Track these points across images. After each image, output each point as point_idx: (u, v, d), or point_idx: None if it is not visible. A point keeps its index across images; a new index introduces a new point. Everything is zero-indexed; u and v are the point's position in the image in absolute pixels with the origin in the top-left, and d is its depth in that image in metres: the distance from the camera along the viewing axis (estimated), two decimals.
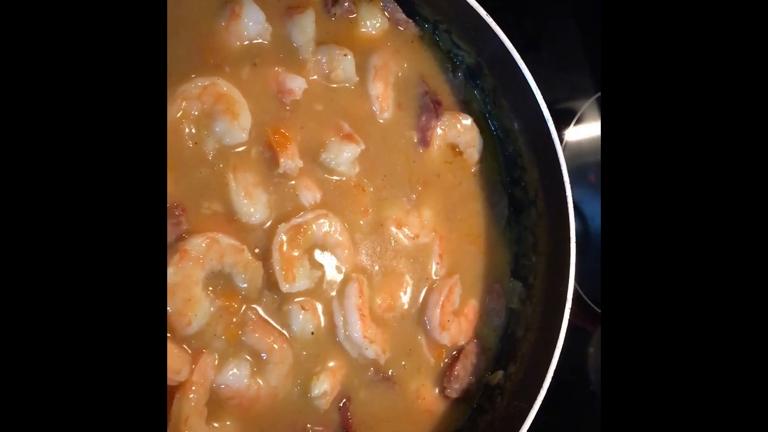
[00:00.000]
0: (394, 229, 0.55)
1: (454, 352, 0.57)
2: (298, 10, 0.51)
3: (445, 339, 0.56)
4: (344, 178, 0.53)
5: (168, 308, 0.44)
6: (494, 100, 0.59)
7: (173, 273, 0.45)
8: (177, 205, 0.46)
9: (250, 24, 0.49)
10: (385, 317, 0.54)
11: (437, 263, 0.56)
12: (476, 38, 0.56)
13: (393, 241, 0.55)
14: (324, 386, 0.50)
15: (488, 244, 0.59)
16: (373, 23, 0.55)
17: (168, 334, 0.45)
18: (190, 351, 0.46)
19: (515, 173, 0.60)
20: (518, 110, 0.58)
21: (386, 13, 0.56)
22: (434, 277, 0.56)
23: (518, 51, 0.53)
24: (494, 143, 0.61)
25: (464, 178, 0.59)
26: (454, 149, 0.59)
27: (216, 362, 0.47)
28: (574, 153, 0.73)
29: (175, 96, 0.46)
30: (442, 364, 0.56)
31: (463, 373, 0.56)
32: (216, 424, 0.47)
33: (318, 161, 0.52)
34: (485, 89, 0.59)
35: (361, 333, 0.51)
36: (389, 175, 0.55)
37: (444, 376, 0.56)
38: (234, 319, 0.47)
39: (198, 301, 0.46)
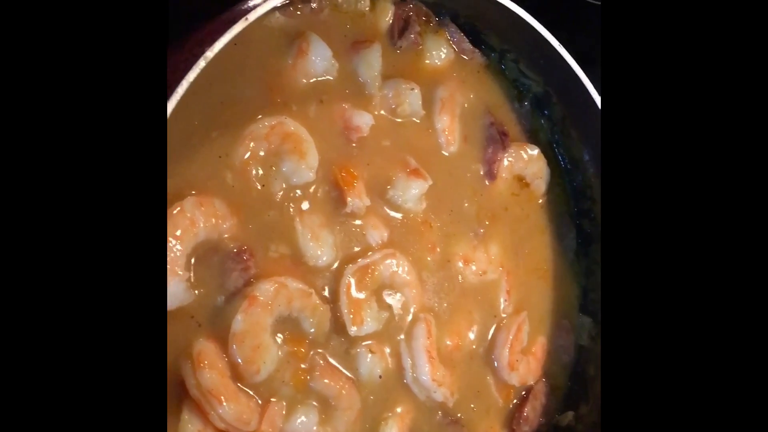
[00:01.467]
0: (461, 266, 0.53)
1: (523, 392, 0.55)
2: (364, 45, 0.50)
3: (514, 379, 0.54)
4: (411, 215, 0.51)
5: (237, 358, 0.43)
6: (562, 130, 0.58)
7: (242, 320, 0.43)
8: (245, 249, 0.45)
9: (317, 60, 0.47)
10: (453, 357, 0.52)
11: (505, 300, 0.55)
12: (545, 67, 0.54)
13: (460, 278, 0.53)
14: (392, 430, 0.48)
15: (556, 278, 0.58)
16: (438, 54, 0.53)
17: (237, 383, 0.44)
18: (259, 400, 0.45)
19: (584, 204, 0.58)
20: (588, 140, 0.56)
21: (452, 44, 0.54)
22: (502, 315, 0.55)
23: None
24: (561, 174, 0.59)
25: (531, 210, 0.57)
26: (521, 181, 0.57)
27: (284, 411, 0.45)
28: None
29: (242, 137, 0.45)
30: (510, 405, 0.54)
31: (533, 414, 0.55)
32: None
33: (385, 198, 0.50)
34: (553, 119, 0.58)
35: (429, 376, 0.50)
36: (456, 210, 0.53)
37: (513, 418, 0.54)
38: (302, 365, 0.46)
39: (267, 348, 0.44)
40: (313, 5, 0.48)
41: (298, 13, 0.48)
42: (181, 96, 0.38)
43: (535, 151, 0.57)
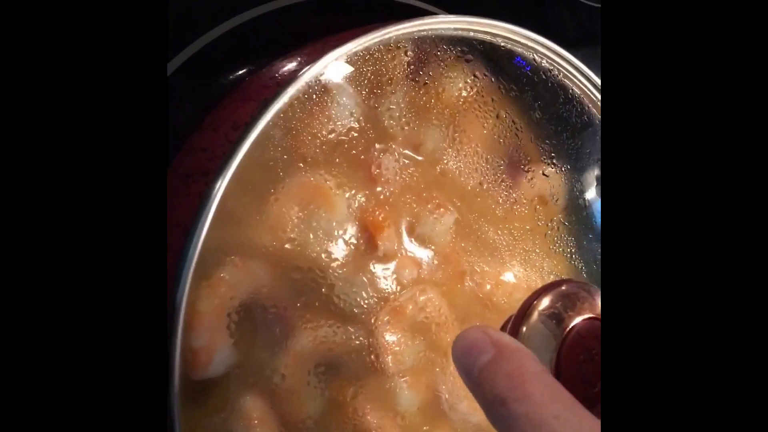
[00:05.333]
0: (489, 288, 0.55)
1: None
2: (385, 87, 0.50)
3: None
4: (439, 249, 0.52)
5: (283, 409, 0.45)
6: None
7: (287, 375, 0.45)
8: (283, 305, 0.46)
9: (341, 110, 0.48)
10: None
11: None
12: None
13: (491, 305, 0.54)
14: None
15: None
16: (457, 86, 0.53)
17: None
18: None
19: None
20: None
21: (470, 73, 0.54)
22: None
23: None
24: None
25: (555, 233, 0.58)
26: (542, 200, 0.58)
27: None
28: None
29: (270, 198, 0.46)
30: None
31: None
32: None
33: (414, 236, 0.51)
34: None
35: (466, 401, 0.52)
36: (483, 237, 0.55)
37: None
38: (349, 410, 0.48)
39: (310, 397, 0.46)
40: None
41: None
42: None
43: (551, 170, 0.58)
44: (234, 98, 0.45)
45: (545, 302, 0.38)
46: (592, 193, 0.60)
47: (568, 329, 0.37)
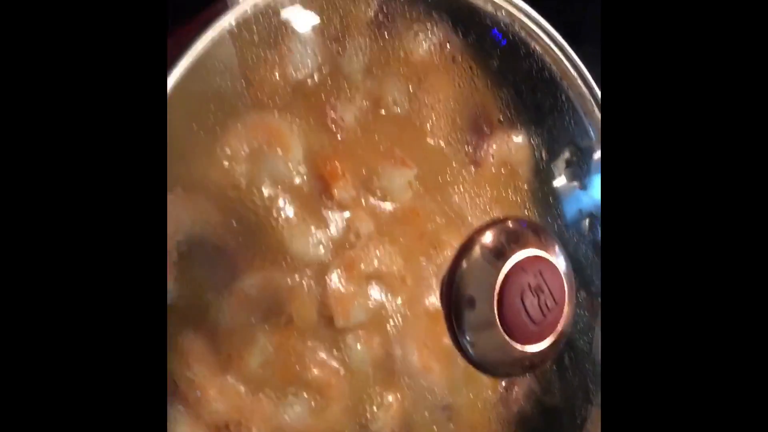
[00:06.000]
0: (449, 253, 0.54)
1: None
2: (347, 38, 0.49)
3: None
4: (398, 205, 0.52)
5: (225, 352, 0.44)
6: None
7: (230, 316, 0.44)
8: (231, 246, 0.45)
9: (300, 53, 0.48)
10: (444, 346, 0.53)
11: None
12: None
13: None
14: (383, 424, 0.49)
15: None
16: (423, 44, 0.53)
17: (227, 376, 0.45)
18: (248, 392, 0.45)
19: None
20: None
21: (435, 33, 0.54)
22: None
23: None
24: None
25: (519, 196, 0.58)
26: (507, 167, 0.57)
27: (274, 402, 0.46)
28: None
29: (225, 134, 0.45)
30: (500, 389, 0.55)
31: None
32: None
33: (371, 189, 0.51)
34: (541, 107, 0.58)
35: (419, 364, 0.50)
36: (443, 198, 0.54)
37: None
38: (291, 358, 0.47)
39: (255, 342, 0.45)
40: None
41: None
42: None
43: (519, 138, 0.57)
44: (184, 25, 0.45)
45: (488, 236, 0.37)
46: (559, 169, 0.59)
47: (509, 263, 0.36)
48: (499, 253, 0.36)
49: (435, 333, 0.52)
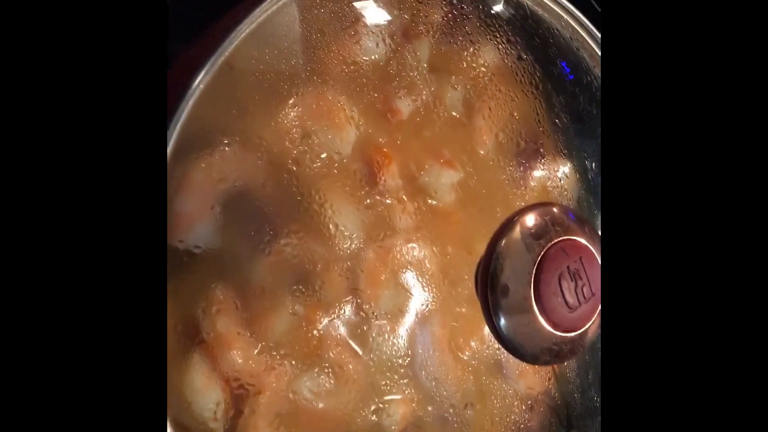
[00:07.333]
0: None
1: (529, 402, 0.54)
2: (417, 35, 0.51)
3: (521, 386, 0.54)
4: (440, 204, 0.52)
5: (252, 312, 0.44)
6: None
7: (263, 277, 0.44)
8: (274, 210, 0.46)
9: (369, 43, 0.49)
10: (464, 352, 0.52)
11: None
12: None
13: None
14: (395, 416, 0.48)
15: None
16: (489, 53, 0.54)
17: (251, 335, 0.44)
18: (268, 356, 0.45)
19: None
20: None
21: (501, 49, 0.55)
22: None
23: None
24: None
25: None
26: (552, 191, 0.57)
27: (292, 370, 0.46)
28: None
29: (285, 102, 0.46)
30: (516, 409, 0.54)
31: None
32: None
33: (416, 184, 0.51)
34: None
35: (438, 366, 0.50)
36: (485, 207, 0.54)
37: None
38: (314, 332, 0.47)
39: (281, 309, 0.45)
40: None
41: None
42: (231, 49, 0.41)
43: (567, 167, 0.57)
44: None
45: (530, 218, 0.37)
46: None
47: (550, 244, 0.36)
48: (539, 235, 0.36)
49: (459, 335, 0.51)
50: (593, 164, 0.58)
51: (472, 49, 0.54)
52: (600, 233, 0.49)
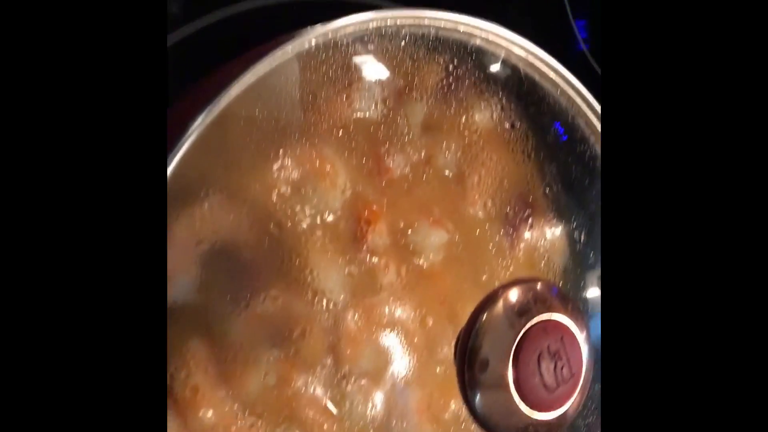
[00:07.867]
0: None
1: None
2: (411, 94, 0.51)
3: None
4: (426, 265, 0.51)
5: (228, 367, 0.43)
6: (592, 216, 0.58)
7: (239, 333, 0.44)
8: (257, 264, 0.45)
9: (365, 100, 0.49)
10: (440, 415, 0.51)
11: None
12: None
13: None
14: None
15: None
16: (483, 117, 0.54)
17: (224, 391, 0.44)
18: (241, 413, 0.44)
19: None
20: None
21: (496, 112, 0.55)
22: None
23: None
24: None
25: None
26: (542, 254, 0.57)
27: (262, 429, 0.45)
28: None
29: (276, 154, 0.46)
30: None
31: None
32: None
33: (403, 243, 0.51)
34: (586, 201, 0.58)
35: (416, 429, 0.49)
36: (471, 272, 0.53)
37: None
38: (290, 392, 0.46)
39: (258, 366, 0.45)
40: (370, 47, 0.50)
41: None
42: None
43: (558, 230, 0.57)
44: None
45: (513, 293, 0.37)
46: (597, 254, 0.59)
47: (531, 322, 0.36)
48: (522, 311, 0.35)
49: (438, 401, 0.51)
50: (582, 235, 0.57)
51: (467, 110, 0.54)
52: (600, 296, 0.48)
